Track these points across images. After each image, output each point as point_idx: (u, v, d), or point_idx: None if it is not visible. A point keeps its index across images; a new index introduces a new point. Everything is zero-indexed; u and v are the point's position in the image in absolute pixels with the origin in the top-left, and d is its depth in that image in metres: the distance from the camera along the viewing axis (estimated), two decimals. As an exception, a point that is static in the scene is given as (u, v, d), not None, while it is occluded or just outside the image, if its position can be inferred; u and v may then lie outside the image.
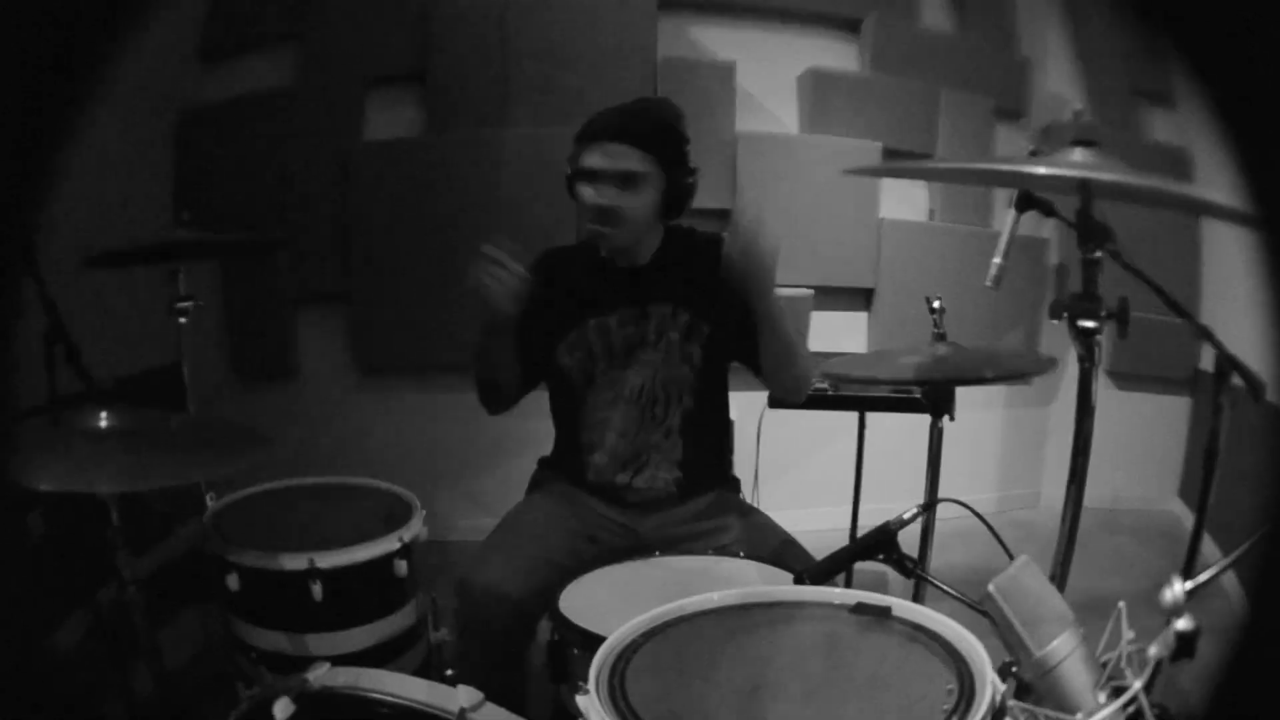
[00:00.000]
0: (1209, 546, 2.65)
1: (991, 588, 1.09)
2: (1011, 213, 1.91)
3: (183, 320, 2.38)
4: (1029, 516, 4.31)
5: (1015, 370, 2.76)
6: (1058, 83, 4.29)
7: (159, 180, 3.67)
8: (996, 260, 1.98)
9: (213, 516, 2.09)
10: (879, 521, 1.46)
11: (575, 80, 3.75)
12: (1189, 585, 0.98)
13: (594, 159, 1.94)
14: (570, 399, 2.11)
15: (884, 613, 1.33)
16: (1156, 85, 4.22)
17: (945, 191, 4.10)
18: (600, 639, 1.31)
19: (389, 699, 1.44)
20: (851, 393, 3.00)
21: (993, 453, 4.43)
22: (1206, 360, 3.93)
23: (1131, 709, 1.01)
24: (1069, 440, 1.67)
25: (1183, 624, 0.98)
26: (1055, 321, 1.64)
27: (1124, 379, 4.33)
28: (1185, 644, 0.98)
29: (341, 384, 3.92)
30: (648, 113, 2.04)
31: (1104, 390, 4.29)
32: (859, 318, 4.11)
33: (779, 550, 1.93)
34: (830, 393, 3.01)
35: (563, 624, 1.58)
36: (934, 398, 2.22)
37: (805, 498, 3.70)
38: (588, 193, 1.95)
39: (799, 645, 1.31)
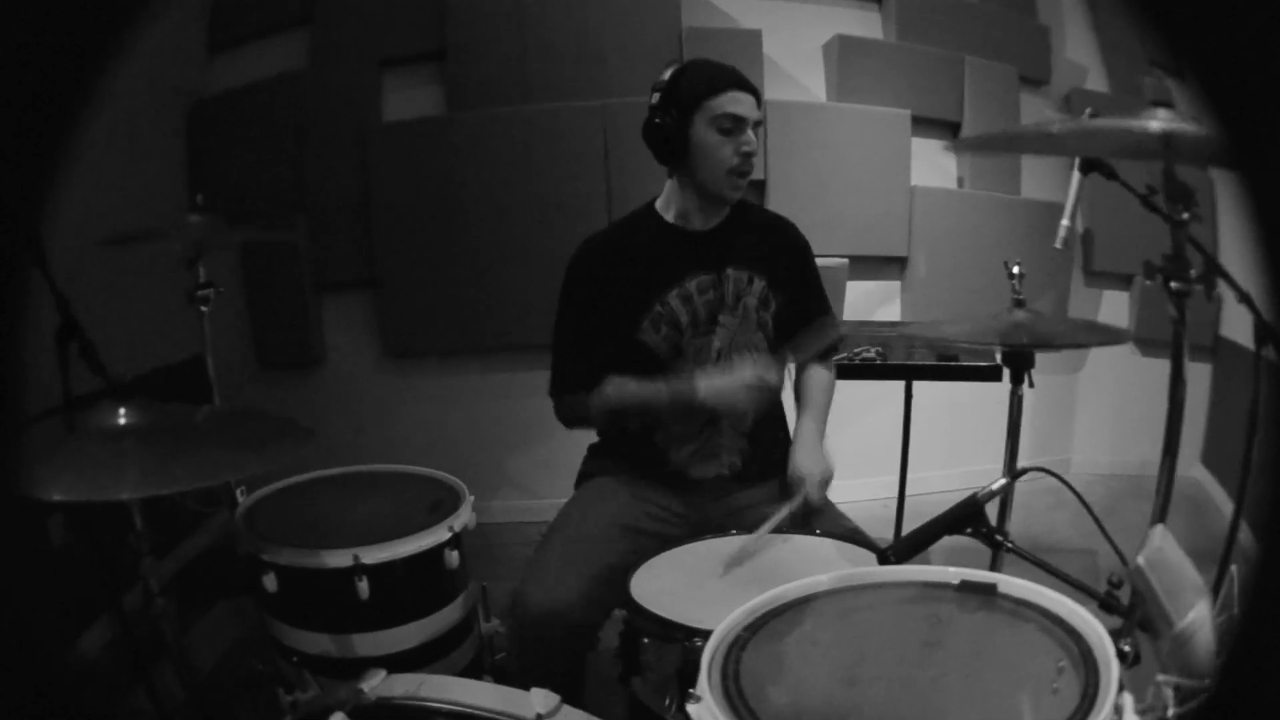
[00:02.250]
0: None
1: (1141, 560, 1.03)
2: (1076, 175, 1.83)
3: (204, 309, 2.15)
4: (1056, 484, 4.07)
5: (1094, 339, 2.69)
6: (1076, 51, 4.03)
7: (172, 171, 3.49)
8: (1064, 222, 1.90)
9: (245, 513, 1.86)
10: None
11: (598, 52, 3.51)
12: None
13: (741, 107, 1.81)
14: (649, 374, 1.87)
15: (990, 590, 1.20)
16: (1168, 56, 3.96)
17: (974, 159, 3.84)
18: (679, 626, 1.27)
19: (456, 708, 1.23)
20: (898, 361, 2.84)
21: (1025, 420, 4.18)
22: (1226, 327, 3.69)
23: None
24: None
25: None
26: (1149, 282, 1.58)
27: (1148, 345, 4.08)
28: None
29: (369, 369, 3.70)
30: (730, 66, 1.89)
31: (1129, 357, 4.05)
32: (892, 286, 3.86)
33: (850, 532, 1.75)
34: (879, 362, 2.85)
35: (639, 613, 1.40)
36: (1014, 363, 2.11)
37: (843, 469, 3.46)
38: (732, 142, 1.81)
39: (904, 626, 1.17)
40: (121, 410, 1.36)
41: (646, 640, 1.41)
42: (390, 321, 3.65)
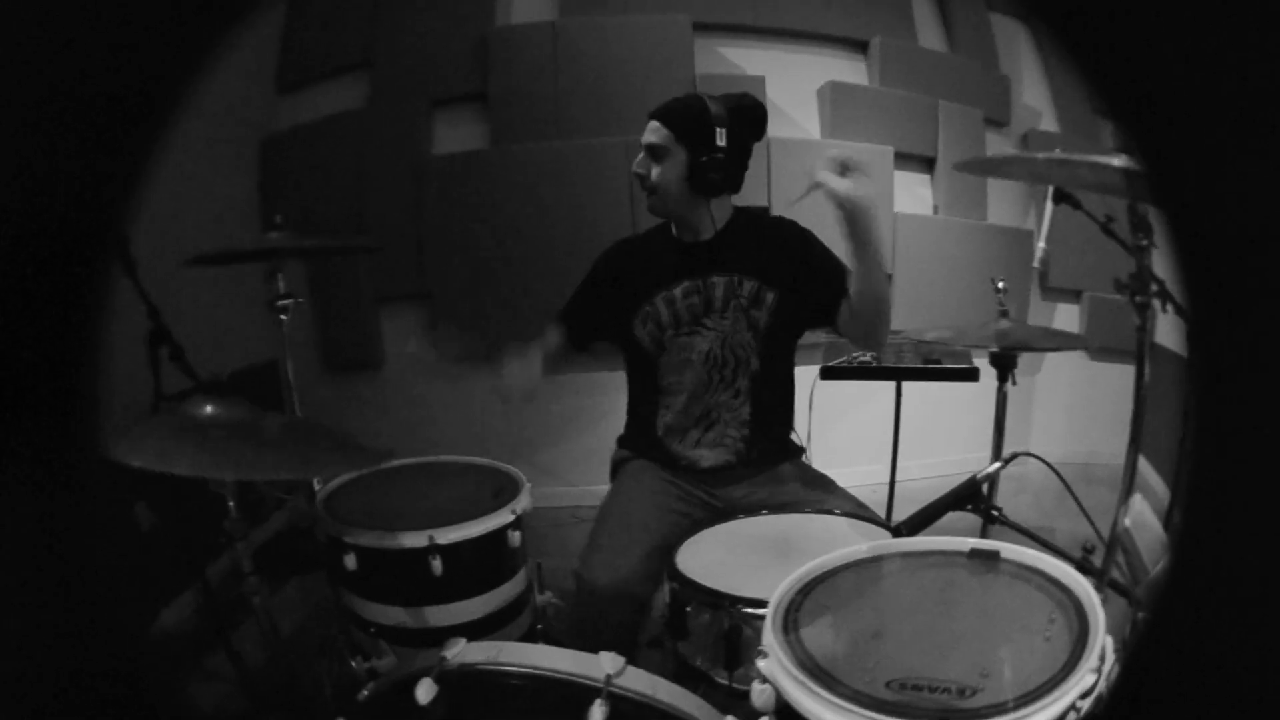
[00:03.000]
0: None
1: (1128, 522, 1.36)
2: (1049, 205, 1.88)
3: (284, 317, 2.03)
4: (1021, 471, 3.99)
5: (1065, 344, 2.81)
6: (1031, 97, 3.98)
7: (243, 199, 3.40)
8: (1041, 245, 2.00)
9: (324, 500, 1.75)
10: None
11: (622, 95, 3.41)
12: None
13: (649, 134, 1.77)
14: (644, 367, 1.89)
15: (994, 556, 1.21)
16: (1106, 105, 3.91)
17: (948, 188, 3.75)
18: (725, 595, 1.29)
19: (533, 670, 1.12)
20: (890, 364, 2.77)
21: (989, 416, 4.11)
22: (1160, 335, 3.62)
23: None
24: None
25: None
26: (1119, 296, 1.73)
27: (1099, 352, 4.00)
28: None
29: (424, 371, 3.57)
30: (679, 99, 1.79)
31: (1080, 361, 3.96)
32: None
33: (857, 509, 1.70)
34: (874, 364, 2.78)
35: (689, 585, 1.37)
36: (1000, 364, 2.09)
37: (842, 458, 3.37)
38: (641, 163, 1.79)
39: (924, 588, 1.20)
40: (210, 406, 1.25)
41: (689, 609, 1.36)
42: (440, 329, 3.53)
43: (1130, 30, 0.69)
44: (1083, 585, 1.07)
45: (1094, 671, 0.87)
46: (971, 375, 2.81)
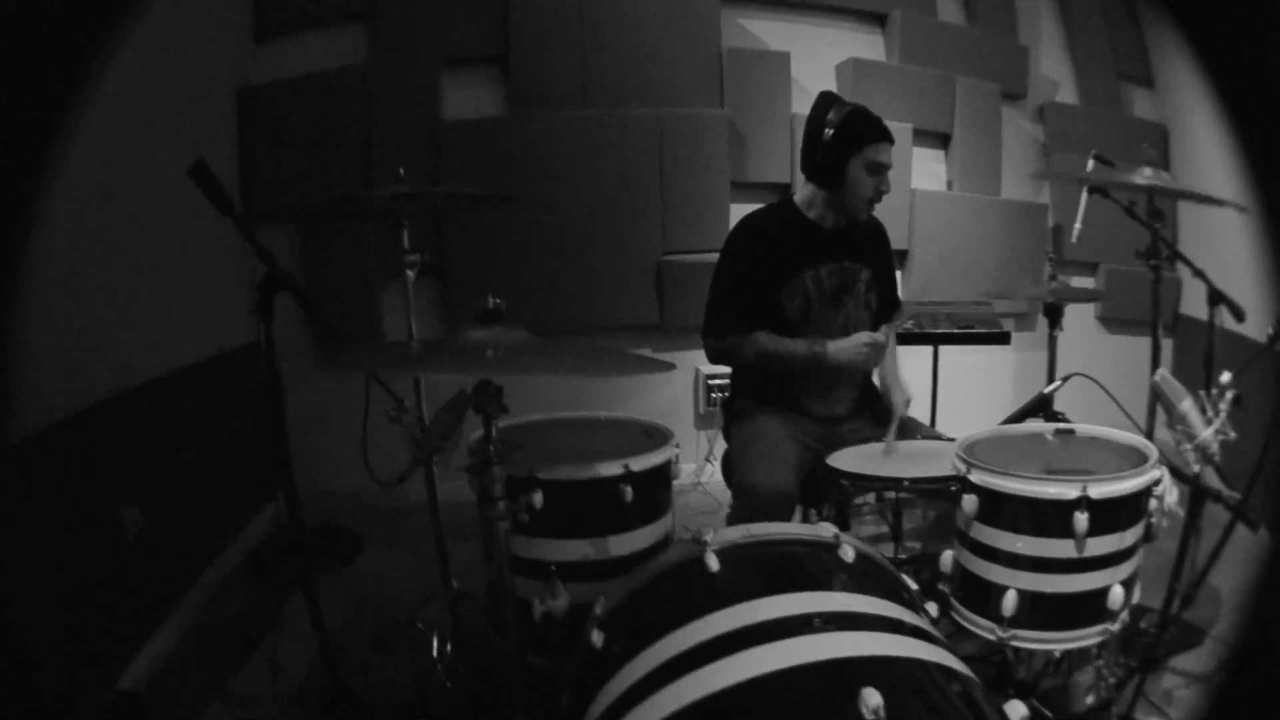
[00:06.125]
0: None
1: (1157, 377, 1.82)
2: (1084, 194, 2.69)
3: (411, 273, 2.37)
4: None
5: (1085, 298, 4.17)
6: (1050, 67, 4.58)
7: (223, 159, 3.58)
8: (1077, 226, 2.79)
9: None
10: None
11: (651, 64, 3.85)
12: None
13: (885, 156, 2.37)
14: (787, 333, 2.43)
15: (1071, 431, 2.07)
16: (1137, 68, 4.58)
17: (961, 164, 4.36)
18: (886, 478, 1.99)
19: (784, 537, 1.61)
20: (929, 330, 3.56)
21: (1019, 378, 4.71)
22: (1185, 306, 4.36)
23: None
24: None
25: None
26: (1140, 262, 2.59)
27: (1113, 324, 4.71)
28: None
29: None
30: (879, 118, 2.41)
31: (1096, 334, 4.67)
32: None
33: (939, 435, 2.54)
34: (915, 330, 3.48)
35: (850, 477, 2.02)
36: (1052, 313, 2.73)
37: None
38: (874, 180, 2.38)
39: (1038, 449, 2.05)
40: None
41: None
42: (454, 306, 3.85)
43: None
44: (1142, 441, 1.91)
45: (1158, 468, 1.77)
46: (1003, 339, 3.55)
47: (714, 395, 4.04)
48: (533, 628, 1.95)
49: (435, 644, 2.34)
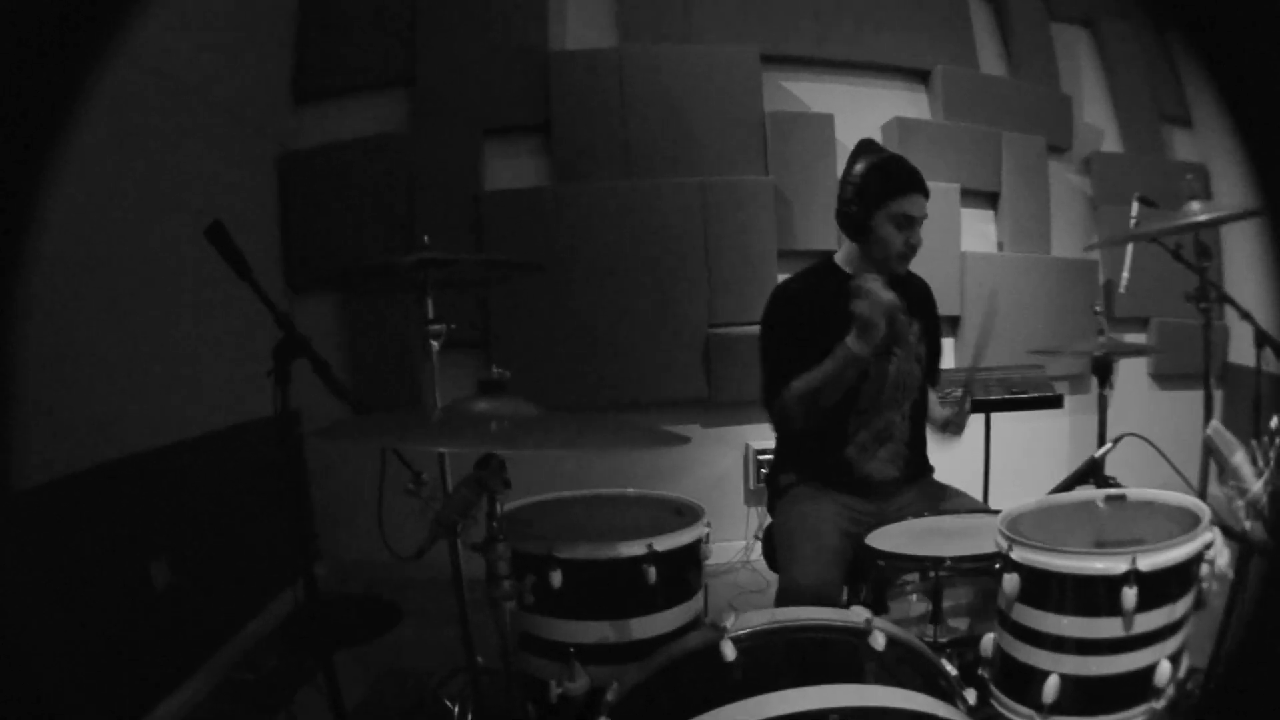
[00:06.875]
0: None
1: (1210, 430, 1.66)
2: (1130, 244, 2.72)
3: (435, 344, 2.36)
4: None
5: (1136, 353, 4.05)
6: (1093, 115, 4.51)
7: (266, 227, 3.68)
8: (1125, 275, 2.81)
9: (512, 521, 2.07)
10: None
11: (691, 132, 3.86)
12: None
13: (915, 208, 2.23)
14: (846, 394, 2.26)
15: (1122, 497, 1.88)
16: (1176, 108, 4.51)
17: (1012, 225, 4.26)
18: (928, 558, 1.86)
19: (813, 623, 1.52)
20: (981, 397, 3.43)
21: (1070, 441, 4.58)
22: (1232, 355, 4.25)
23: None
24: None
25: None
26: (1188, 303, 2.60)
27: (1166, 380, 4.55)
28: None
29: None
30: (915, 167, 2.29)
31: (1149, 391, 4.50)
32: (947, 343, 4.20)
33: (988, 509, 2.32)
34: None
35: (887, 557, 1.93)
36: (1101, 371, 2.67)
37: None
38: (904, 234, 2.25)
39: (1086, 518, 1.86)
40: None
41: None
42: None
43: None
44: (1194, 502, 1.71)
45: (1209, 530, 1.62)
46: (1055, 403, 3.41)
47: (763, 471, 3.95)
48: (550, 709, 1.88)
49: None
